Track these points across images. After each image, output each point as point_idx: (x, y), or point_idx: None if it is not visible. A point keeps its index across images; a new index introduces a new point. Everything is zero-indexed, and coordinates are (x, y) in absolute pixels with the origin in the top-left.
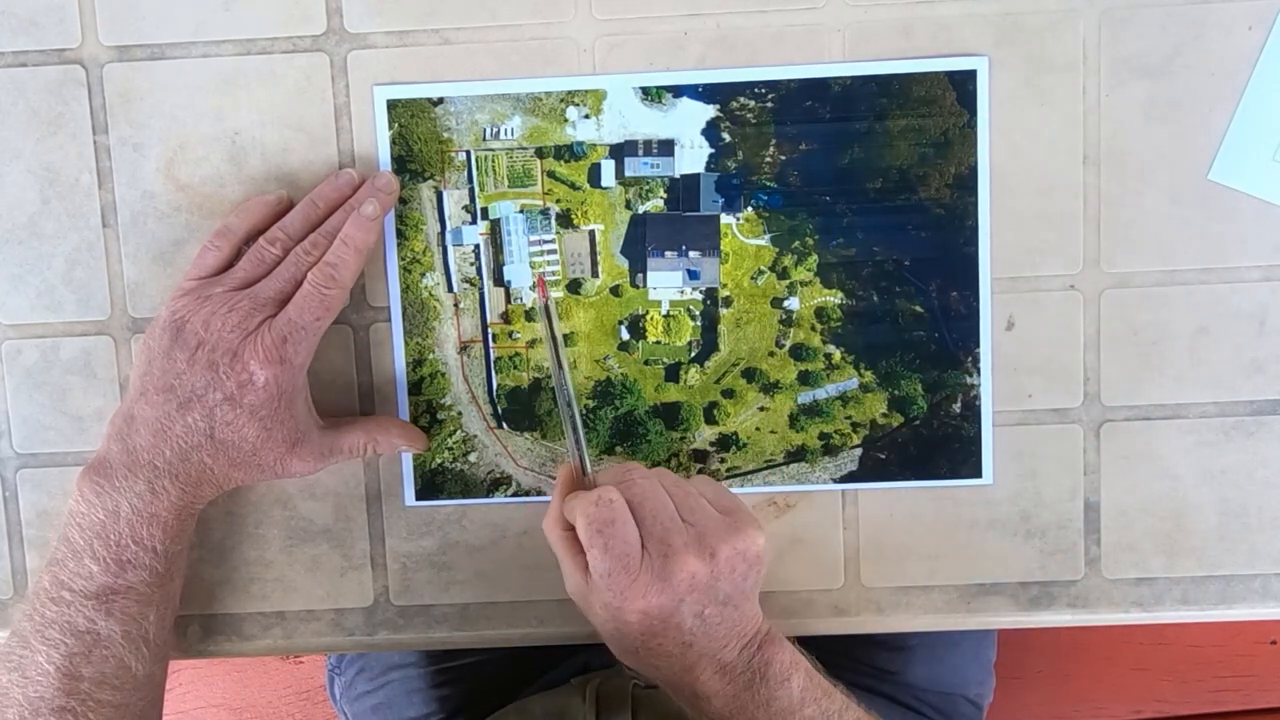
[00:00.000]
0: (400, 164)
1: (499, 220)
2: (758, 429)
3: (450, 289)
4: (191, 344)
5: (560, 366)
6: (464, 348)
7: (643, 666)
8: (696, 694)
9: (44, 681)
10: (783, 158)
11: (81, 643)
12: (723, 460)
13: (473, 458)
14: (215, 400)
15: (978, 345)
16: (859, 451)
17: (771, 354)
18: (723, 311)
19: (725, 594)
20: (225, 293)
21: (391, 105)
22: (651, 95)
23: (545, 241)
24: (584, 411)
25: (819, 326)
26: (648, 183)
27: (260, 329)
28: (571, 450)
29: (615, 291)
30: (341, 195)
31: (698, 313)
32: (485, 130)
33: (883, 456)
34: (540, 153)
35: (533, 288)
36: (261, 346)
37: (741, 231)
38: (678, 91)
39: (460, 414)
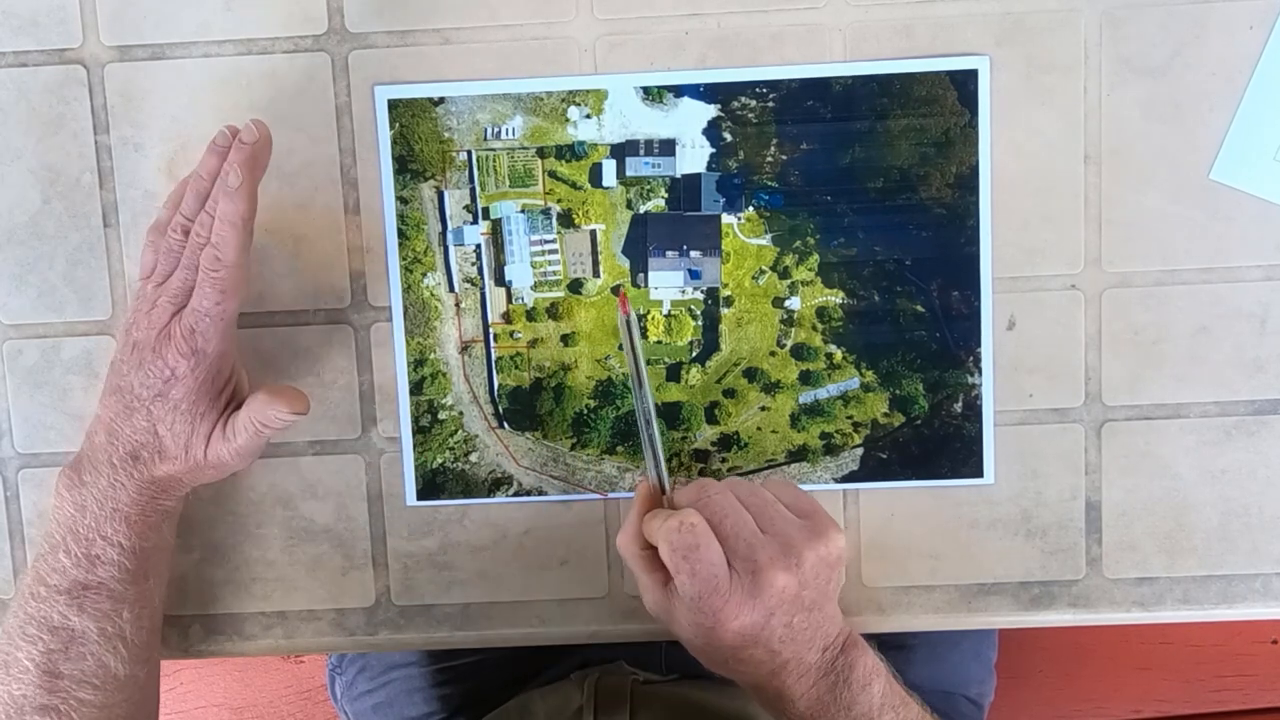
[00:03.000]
0: (401, 164)
1: (500, 220)
2: (759, 429)
3: (451, 289)
4: (130, 346)
5: (641, 384)
6: (465, 348)
7: (728, 672)
8: (781, 695)
9: (25, 679)
10: (784, 157)
11: (58, 639)
12: (724, 460)
13: (474, 458)
14: (149, 398)
15: (979, 345)
16: (860, 451)
17: (773, 354)
18: (724, 311)
19: (811, 600)
20: (152, 290)
21: (392, 105)
22: (652, 95)
23: (546, 241)
24: (585, 411)
25: (820, 326)
26: (649, 182)
27: (172, 323)
28: (650, 468)
29: (616, 291)
30: (221, 159)
31: (699, 312)
32: (486, 130)
33: (884, 456)
34: (541, 152)
35: (615, 291)
36: (174, 340)
37: (743, 231)
38: (679, 91)
39: (461, 414)
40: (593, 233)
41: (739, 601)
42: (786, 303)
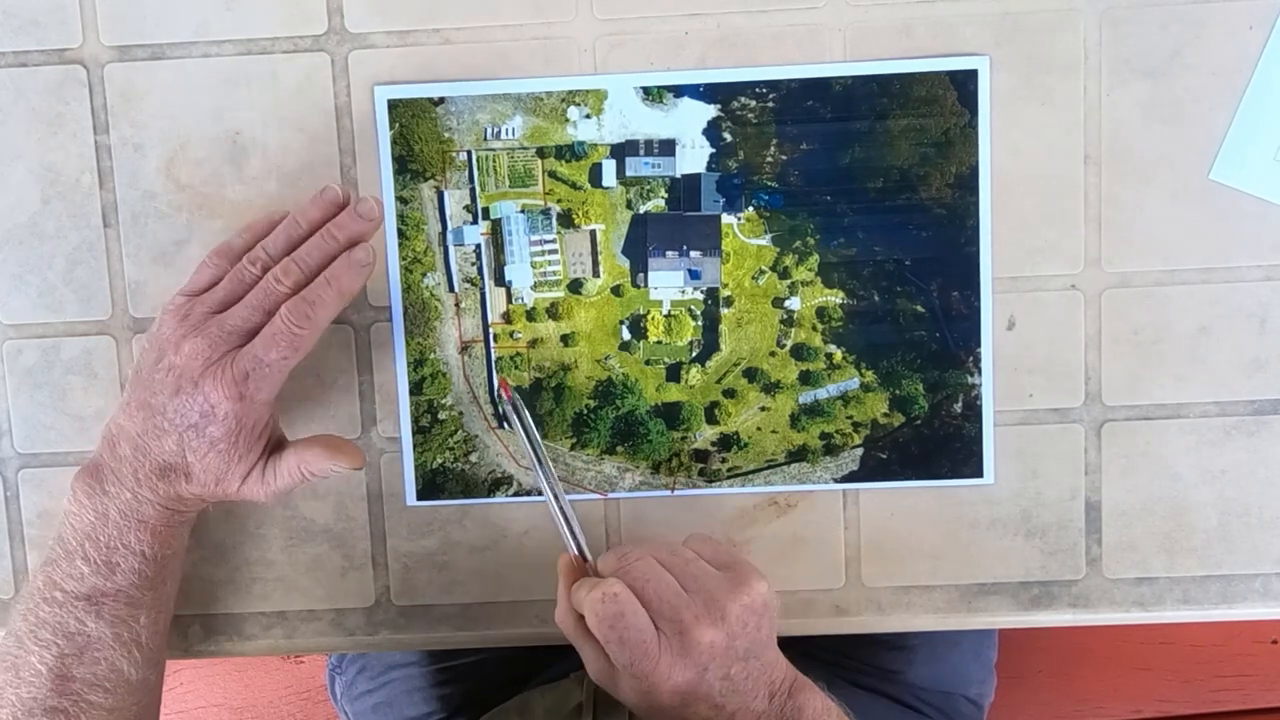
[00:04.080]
0: (401, 164)
1: (500, 220)
2: (759, 429)
3: (451, 289)
4: (165, 365)
5: (541, 462)
6: (465, 348)
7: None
8: None
9: (36, 682)
10: (784, 157)
11: (73, 644)
12: (724, 460)
13: (474, 458)
14: (183, 427)
15: (979, 345)
16: (860, 451)
17: (772, 354)
18: (724, 311)
19: (745, 649)
20: (203, 314)
21: (392, 105)
22: (652, 95)
23: (546, 241)
24: (585, 411)
25: (820, 326)
26: (649, 182)
27: (223, 360)
28: (567, 541)
29: (616, 291)
30: (325, 215)
31: (699, 312)
32: (486, 130)
33: (884, 456)
34: (541, 152)
35: (497, 391)
36: (223, 381)
37: (742, 231)
38: (679, 91)
39: (461, 414)
40: (593, 233)
41: (669, 662)
42: (786, 303)
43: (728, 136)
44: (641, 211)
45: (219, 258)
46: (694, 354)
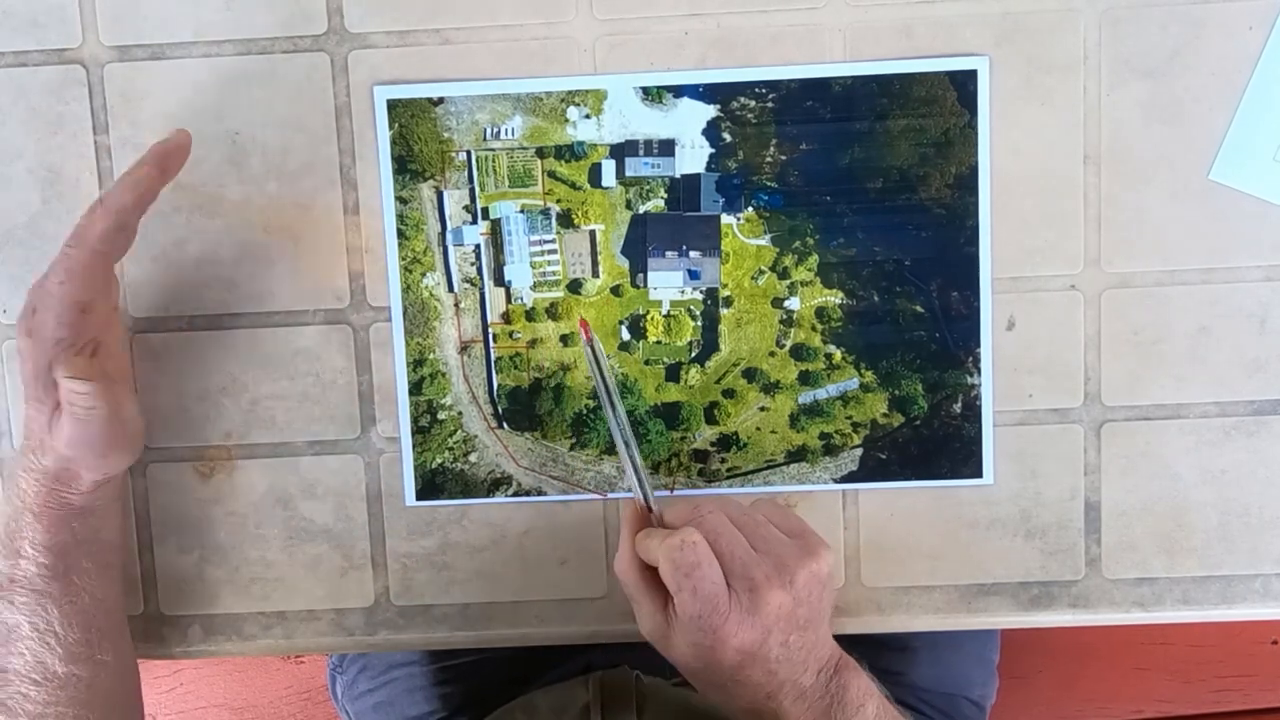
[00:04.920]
0: (401, 164)
1: (500, 220)
2: (758, 429)
3: (451, 289)
4: None
5: (614, 407)
6: (464, 348)
7: (725, 696)
8: (777, 718)
9: None
10: (783, 158)
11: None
12: (723, 460)
13: (473, 458)
14: (29, 391)
15: (978, 345)
16: (859, 451)
17: (772, 354)
18: (723, 311)
19: (805, 618)
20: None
21: (392, 105)
22: (652, 95)
23: (546, 241)
24: (585, 411)
25: (819, 326)
26: (648, 183)
27: (24, 306)
28: (635, 489)
29: (616, 291)
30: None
31: (698, 313)
32: (486, 130)
33: (883, 456)
34: (541, 153)
35: (576, 332)
36: (20, 323)
37: (742, 231)
38: (678, 91)
39: (461, 414)
40: (592, 233)
41: (738, 619)
42: (786, 303)
43: (727, 137)
44: (641, 211)
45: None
46: (693, 354)
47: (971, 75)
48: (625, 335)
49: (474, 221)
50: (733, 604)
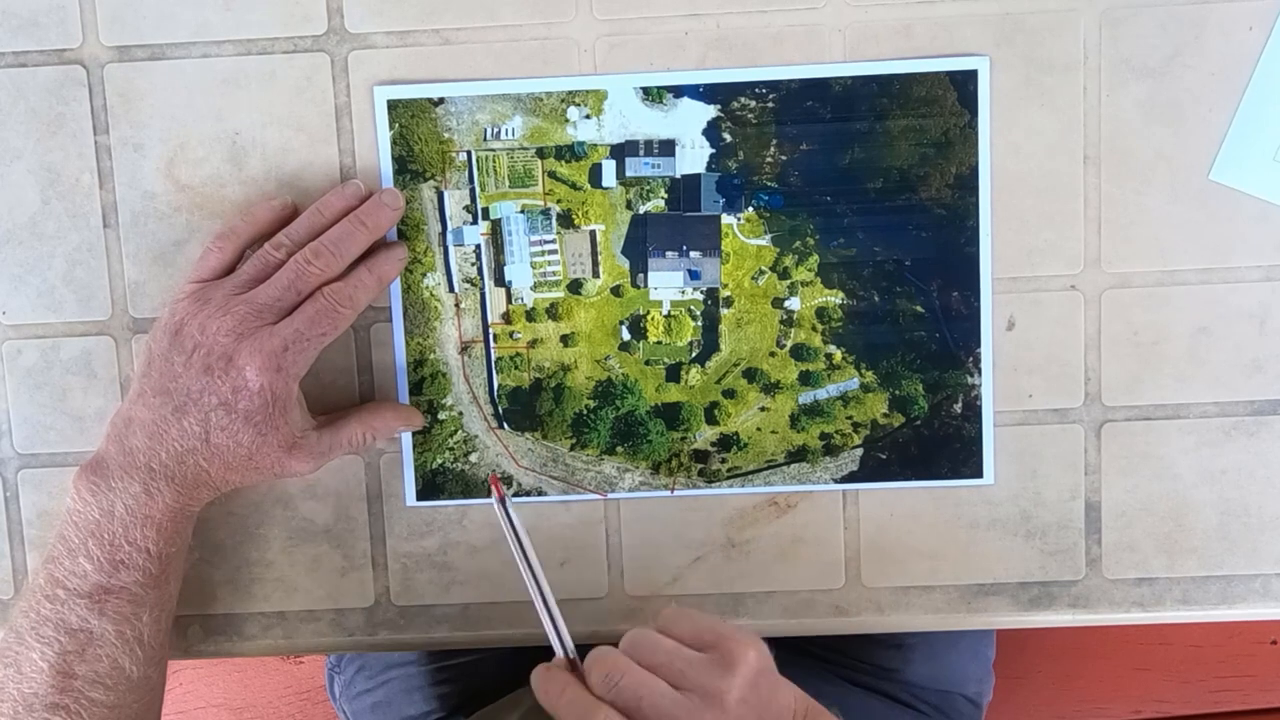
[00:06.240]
0: (401, 164)
1: (500, 220)
2: (759, 429)
3: (451, 289)
4: (188, 347)
5: (531, 566)
6: (465, 348)
7: None
8: None
9: (38, 678)
10: (783, 158)
11: (75, 641)
12: (723, 460)
13: (474, 458)
14: (210, 405)
15: (978, 345)
16: (860, 451)
17: (772, 354)
18: (723, 311)
19: (759, 702)
20: (225, 296)
21: (392, 105)
22: (652, 95)
23: (546, 242)
24: (585, 411)
25: (820, 326)
26: (649, 183)
27: (258, 334)
28: (556, 643)
29: (616, 291)
30: (348, 205)
31: (698, 313)
32: (486, 130)
33: (883, 456)
34: (541, 153)
35: (485, 483)
36: (259, 352)
37: (742, 231)
38: (678, 91)
39: (461, 414)
40: (592, 233)
41: None
42: (786, 303)
43: (727, 137)
44: (641, 212)
45: (224, 241)
46: (694, 354)
47: (971, 75)
48: (625, 335)
49: (474, 222)
50: None
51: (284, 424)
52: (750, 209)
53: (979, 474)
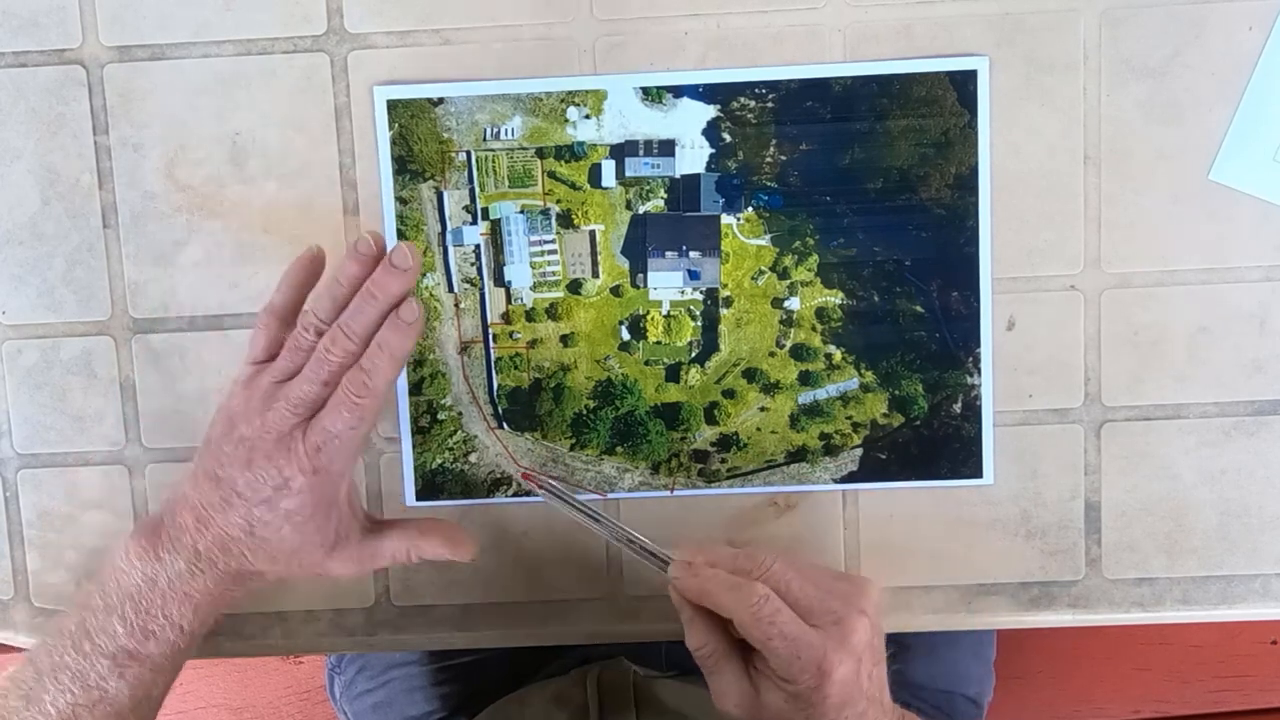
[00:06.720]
0: (401, 164)
1: (499, 220)
2: (758, 429)
3: (451, 289)
4: (235, 438)
5: (600, 521)
6: (464, 348)
7: None
8: None
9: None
10: (783, 158)
11: (89, 695)
12: (723, 460)
13: (473, 458)
14: (253, 500)
15: (978, 345)
16: (859, 452)
17: (772, 354)
18: (723, 312)
19: (879, 650)
20: (270, 385)
21: (392, 105)
22: (652, 95)
23: (546, 242)
24: (585, 411)
25: (819, 326)
26: (648, 183)
27: (293, 434)
28: (652, 565)
29: (616, 292)
30: (364, 268)
31: (698, 313)
32: (486, 130)
33: (883, 456)
34: (541, 153)
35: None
36: (295, 454)
37: (742, 231)
38: (678, 92)
39: (461, 414)
40: (592, 233)
41: (835, 650)
42: (786, 303)
43: (727, 137)
44: (641, 212)
45: (268, 316)
46: (693, 354)
47: (971, 75)
48: (625, 335)
49: (474, 222)
50: (823, 638)
51: (327, 525)
52: (750, 209)
53: (979, 474)
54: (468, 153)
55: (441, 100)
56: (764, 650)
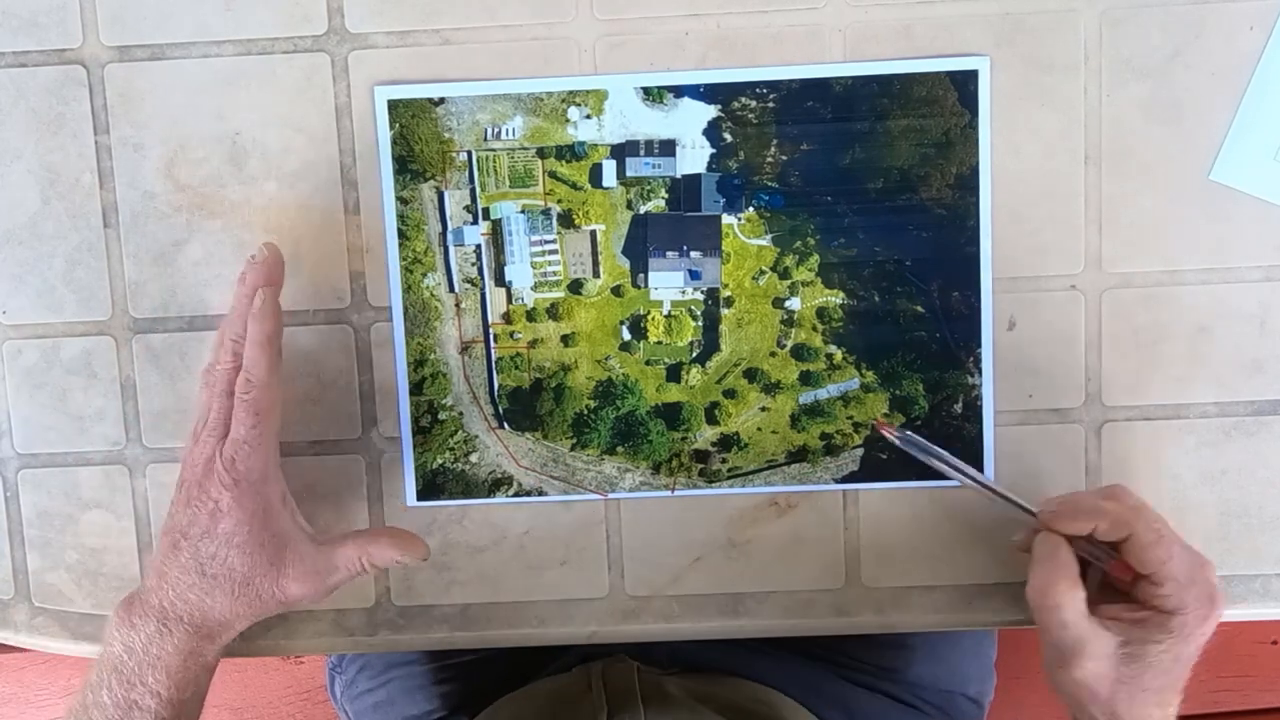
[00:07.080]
0: (401, 164)
1: (500, 220)
2: (759, 429)
3: (452, 289)
4: (179, 486)
5: (969, 476)
6: (465, 348)
7: (1158, 704)
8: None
9: None
10: (784, 158)
11: None
12: (724, 460)
13: (474, 458)
14: (195, 535)
15: (979, 345)
16: (860, 451)
17: (773, 354)
18: (724, 312)
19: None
20: (199, 429)
21: (392, 105)
22: (653, 95)
23: (547, 242)
24: (585, 411)
25: (820, 326)
26: (649, 183)
27: (214, 456)
28: (1016, 510)
29: (617, 292)
30: (247, 300)
31: (699, 313)
32: (486, 130)
33: (884, 456)
34: (541, 153)
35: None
36: (217, 473)
37: (743, 231)
38: (679, 92)
39: (461, 414)
40: (593, 233)
41: (1209, 597)
42: (787, 303)
43: (728, 137)
44: (642, 212)
45: (207, 376)
46: (694, 354)
47: (972, 75)
48: (626, 335)
49: (475, 222)
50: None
51: (268, 539)
52: (751, 209)
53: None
54: (468, 153)
55: (442, 100)
56: (1157, 574)
